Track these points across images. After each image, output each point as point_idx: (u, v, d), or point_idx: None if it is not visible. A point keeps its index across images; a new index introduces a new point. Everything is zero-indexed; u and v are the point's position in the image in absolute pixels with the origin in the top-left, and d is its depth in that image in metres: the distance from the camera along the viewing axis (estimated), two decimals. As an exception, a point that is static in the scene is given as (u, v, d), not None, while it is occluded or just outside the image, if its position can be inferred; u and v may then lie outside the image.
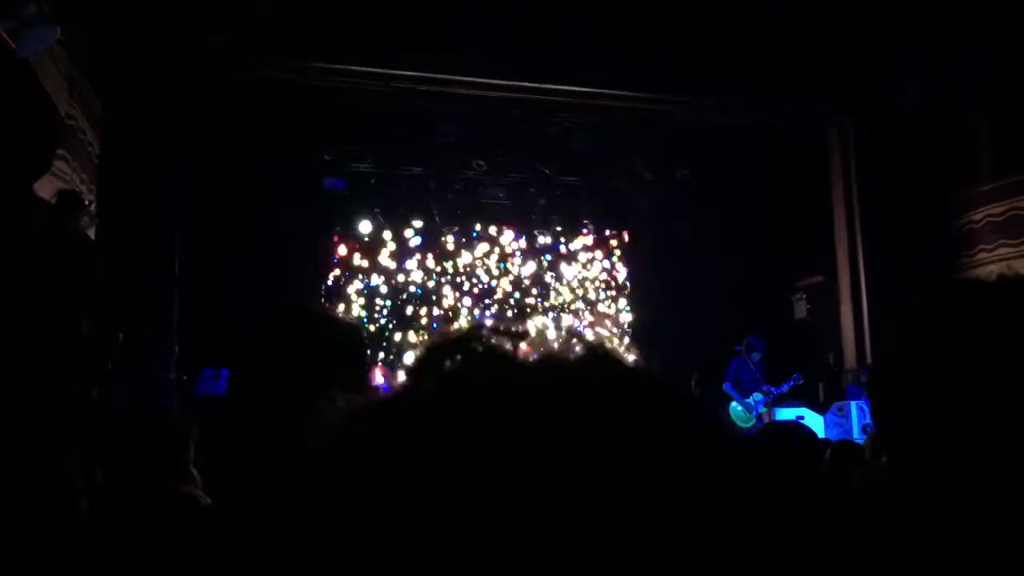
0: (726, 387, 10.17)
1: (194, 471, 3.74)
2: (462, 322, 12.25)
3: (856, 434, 8.64)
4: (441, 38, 8.73)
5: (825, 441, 4.99)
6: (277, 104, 9.71)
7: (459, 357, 0.53)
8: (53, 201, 5.99)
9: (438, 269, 12.59)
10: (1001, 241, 9.19)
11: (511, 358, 0.54)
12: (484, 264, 12.79)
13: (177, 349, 8.26)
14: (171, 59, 8.19)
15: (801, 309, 11.79)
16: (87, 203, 6.73)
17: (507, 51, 8.92)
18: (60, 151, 6.46)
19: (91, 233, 6.86)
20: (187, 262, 8.97)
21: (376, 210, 11.94)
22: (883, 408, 0.97)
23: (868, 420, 8.71)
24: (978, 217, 9.50)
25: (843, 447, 3.54)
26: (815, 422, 9.47)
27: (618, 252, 13.37)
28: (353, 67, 9.10)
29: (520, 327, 0.56)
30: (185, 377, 8.24)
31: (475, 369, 0.52)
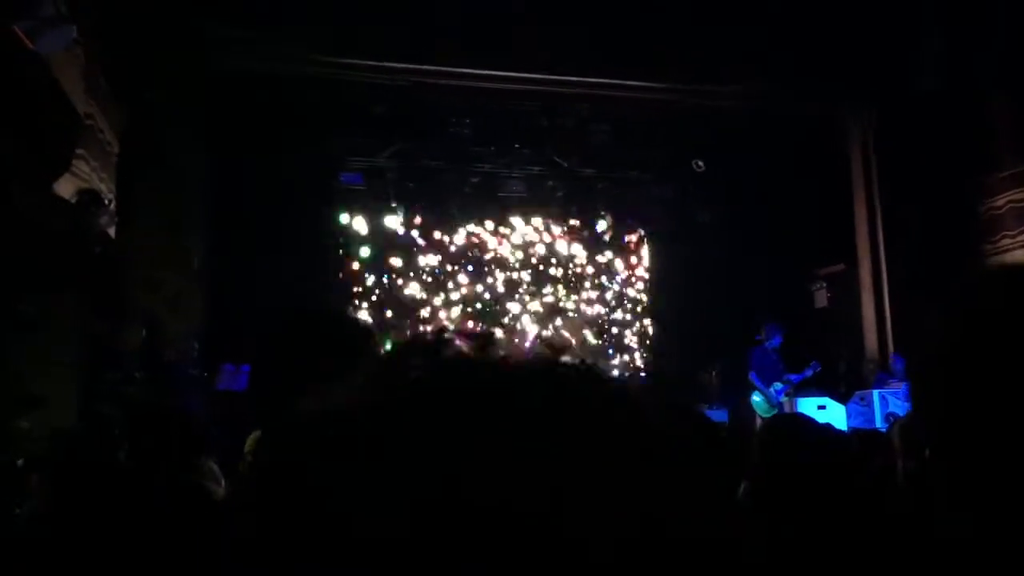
0: (751, 376, 10.11)
1: (213, 466, 3.76)
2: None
3: (879, 422, 8.58)
4: (455, 33, 8.73)
5: (851, 430, 4.96)
6: (294, 99, 9.73)
7: (422, 363, 0.56)
8: (73, 200, 6.04)
9: (454, 261, 12.60)
10: (1025, 227, 9.09)
11: (471, 363, 0.57)
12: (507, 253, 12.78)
13: (197, 345, 8.30)
14: (188, 56, 8.22)
15: (822, 298, 11.71)
16: (107, 202, 6.78)
17: (520, 44, 8.90)
18: (79, 150, 6.50)
19: (111, 231, 6.90)
20: (207, 258, 9.01)
21: (393, 204, 11.95)
22: (928, 394, 0.95)
23: (890, 409, 8.66)
24: (1000, 203, 9.40)
25: (869, 436, 3.52)
26: (837, 411, 9.43)
27: (637, 244, 13.33)
28: (368, 61, 9.11)
29: (486, 330, 0.60)
30: (206, 373, 8.28)
31: (436, 376, 0.55)
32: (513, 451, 0.48)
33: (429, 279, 12.44)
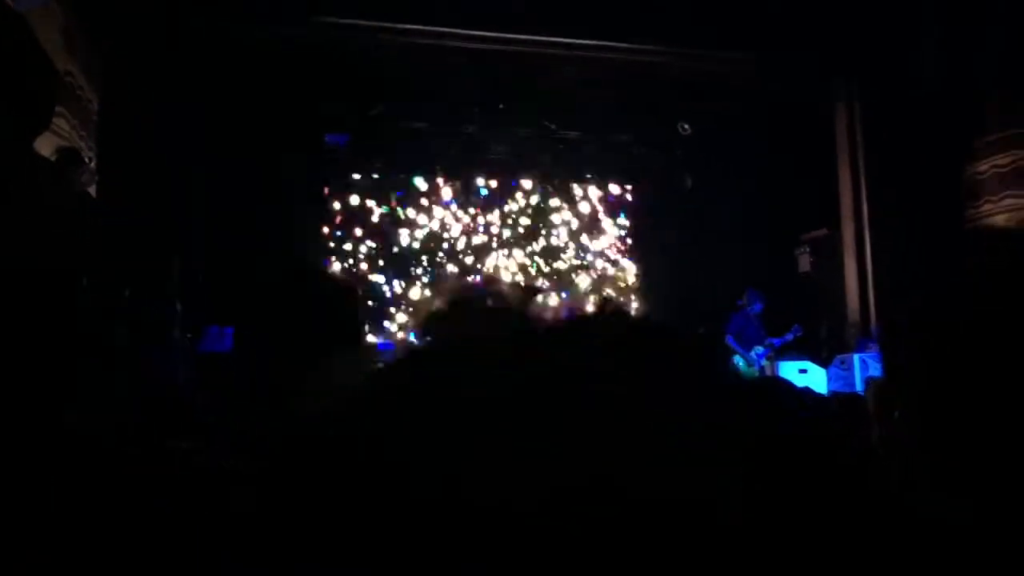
0: (728, 340, 10.20)
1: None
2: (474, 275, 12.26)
3: (858, 386, 8.67)
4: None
5: (831, 394, 5.01)
6: (276, 59, 9.60)
7: (469, 314, 0.54)
8: (53, 159, 5.96)
9: (442, 223, 12.55)
10: (1007, 192, 9.11)
11: (520, 315, 0.56)
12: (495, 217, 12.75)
13: (180, 307, 8.25)
14: (169, 12, 8.09)
15: (805, 263, 11.74)
16: (87, 160, 6.70)
17: (505, 4, 8.82)
18: (59, 108, 6.41)
19: (91, 190, 6.83)
20: (188, 219, 8.94)
21: (378, 165, 11.88)
22: (904, 365, 0.95)
23: (870, 373, 8.74)
24: (983, 168, 9.41)
25: (848, 400, 3.55)
26: (818, 375, 9.51)
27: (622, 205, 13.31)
28: (352, 21, 8.98)
29: (533, 283, 0.57)
30: (189, 335, 8.24)
31: (483, 327, 0.55)
32: (513, 451, 0.48)
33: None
